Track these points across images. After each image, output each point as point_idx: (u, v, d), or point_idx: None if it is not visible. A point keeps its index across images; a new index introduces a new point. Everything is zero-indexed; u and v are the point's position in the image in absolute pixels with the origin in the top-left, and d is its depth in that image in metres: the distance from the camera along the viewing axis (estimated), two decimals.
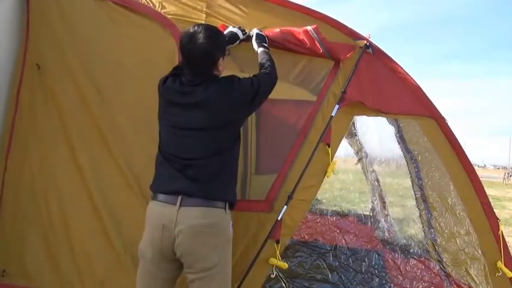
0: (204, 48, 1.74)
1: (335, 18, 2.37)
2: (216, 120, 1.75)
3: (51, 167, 2.23)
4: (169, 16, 2.28)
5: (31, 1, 2.29)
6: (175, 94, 1.80)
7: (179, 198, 1.68)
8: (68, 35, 2.28)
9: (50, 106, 2.25)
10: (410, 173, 3.08)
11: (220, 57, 1.82)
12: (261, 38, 2.18)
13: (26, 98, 2.26)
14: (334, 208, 4.24)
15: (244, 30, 2.21)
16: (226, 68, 2.35)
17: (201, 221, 1.68)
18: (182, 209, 1.67)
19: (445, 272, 2.76)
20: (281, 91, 2.79)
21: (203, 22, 2.29)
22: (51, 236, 2.19)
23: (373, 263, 3.09)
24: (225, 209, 1.75)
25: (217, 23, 2.30)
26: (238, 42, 2.19)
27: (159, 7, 2.30)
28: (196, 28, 1.76)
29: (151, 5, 2.31)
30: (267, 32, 2.26)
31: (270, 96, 1.97)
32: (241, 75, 2.99)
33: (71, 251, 2.17)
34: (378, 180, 3.75)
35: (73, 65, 2.25)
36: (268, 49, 2.14)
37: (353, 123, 3.01)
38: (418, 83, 2.42)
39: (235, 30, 2.19)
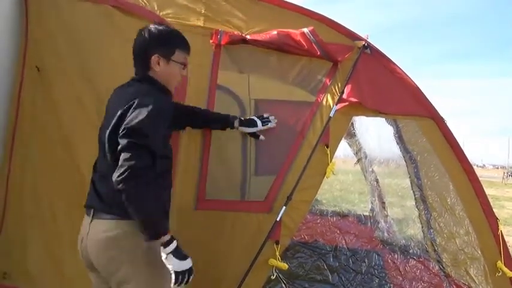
0: (139, 43, 1.70)
1: (333, 18, 2.38)
2: (110, 127, 1.59)
3: (53, 169, 2.23)
4: (168, 19, 2.28)
5: (29, 4, 2.29)
6: None
7: (92, 210, 1.63)
8: (67, 38, 2.28)
9: (50, 109, 2.25)
10: (409, 173, 3.08)
11: (153, 55, 1.68)
12: None
13: (27, 102, 2.27)
14: (334, 209, 4.24)
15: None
16: (225, 68, 2.37)
17: (106, 234, 1.57)
18: (93, 221, 1.61)
19: (444, 272, 2.76)
20: (280, 92, 2.79)
21: (201, 25, 2.30)
22: (53, 239, 2.19)
23: (373, 263, 3.09)
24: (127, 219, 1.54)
25: (216, 26, 2.31)
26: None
27: (157, 9, 2.31)
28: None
29: (149, 7, 2.31)
30: (265, 35, 2.27)
31: (269, 97, 1.98)
32: (239, 76, 3.00)
33: (74, 253, 2.15)
34: (377, 181, 3.75)
35: (72, 69, 2.25)
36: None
37: (352, 123, 3.01)
38: (417, 83, 2.43)
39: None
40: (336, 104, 2.27)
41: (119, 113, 1.57)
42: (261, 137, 2.25)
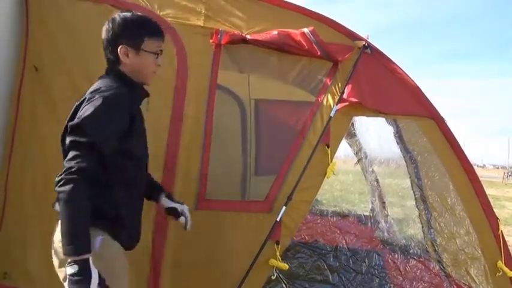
0: (105, 34, 1.54)
1: (333, 18, 2.38)
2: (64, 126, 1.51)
3: (52, 170, 2.22)
4: (168, 19, 2.28)
5: (30, 4, 2.29)
6: None
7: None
8: (67, 38, 2.28)
9: (50, 111, 2.25)
10: (409, 173, 3.09)
11: (120, 46, 1.52)
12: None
13: (27, 102, 2.26)
14: (334, 209, 4.24)
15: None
16: (225, 68, 2.37)
17: (57, 236, 1.45)
18: (58, 222, 1.46)
19: (445, 272, 2.76)
20: (280, 92, 2.79)
21: (202, 25, 2.30)
22: (50, 239, 2.18)
23: (373, 263, 3.09)
24: None
25: (216, 25, 2.30)
26: None
27: (157, 10, 2.31)
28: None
29: (149, 7, 2.31)
30: (265, 35, 2.27)
31: (269, 97, 1.98)
32: (240, 76, 2.99)
33: None
34: (377, 181, 3.75)
35: (72, 69, 2.25)
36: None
37: (352, 123, 3.01)
38: (417, 83, 2.43)
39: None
40: (337, 104, 2.26)
41: (72, 109, 1.47)
42: (188, 226, 1.80)
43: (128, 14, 1.57)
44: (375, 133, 3.22)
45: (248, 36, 2.29)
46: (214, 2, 2.34)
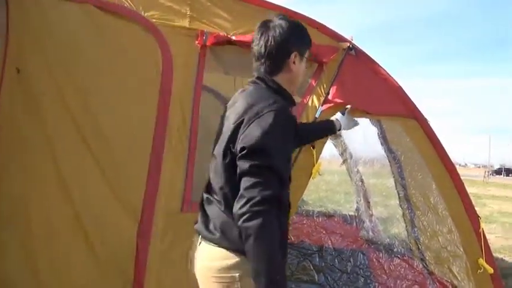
0: (273, 38, 1.44)
1: (317, 19, 2.40)
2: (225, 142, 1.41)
3: (33, 175, 2.16)
4: (153, 20, 2.26)
5: (10, 4, 2.24)
6: None
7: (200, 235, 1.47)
8: (50, 39, 2.22)
9: (32, 113, 2.18)
10: (393, 173, 3.13)
11: (294, 52, 1.45)
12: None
13: (7, 106, 2.20)
14: (320, 209, 4.27)
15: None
16: (210, 69, 2.36)
17: (208, 264, 1.39)
18: (201, 244, 1.44)
19: (427, 270, 2.81)
20: None
21: (187, 26, 2.29)
22: (30, 244, 2.11)
23: (358, 262, 3.13)
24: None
25: (201, 27, 2.30)
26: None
27: (142, 11, 2.28)
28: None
29: (134, 8, 2.28)
30: (250, 36, 2.27)
31: None
32: (225, 78, 2.97)
33: (51, 259, 2.10)
34: (362, 181, 3.79)
35: (56, 71, 2.19)
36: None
37: None
38: (401, 84, 2.47)
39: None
40: (322, 105, 2.29)
41: (232, 125, 1.33)
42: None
43: (293, 20, 1.50)
44: (360, 134, 3.26)
45: (233, 37, 2.29)
46: (199, 3, 2.33)
